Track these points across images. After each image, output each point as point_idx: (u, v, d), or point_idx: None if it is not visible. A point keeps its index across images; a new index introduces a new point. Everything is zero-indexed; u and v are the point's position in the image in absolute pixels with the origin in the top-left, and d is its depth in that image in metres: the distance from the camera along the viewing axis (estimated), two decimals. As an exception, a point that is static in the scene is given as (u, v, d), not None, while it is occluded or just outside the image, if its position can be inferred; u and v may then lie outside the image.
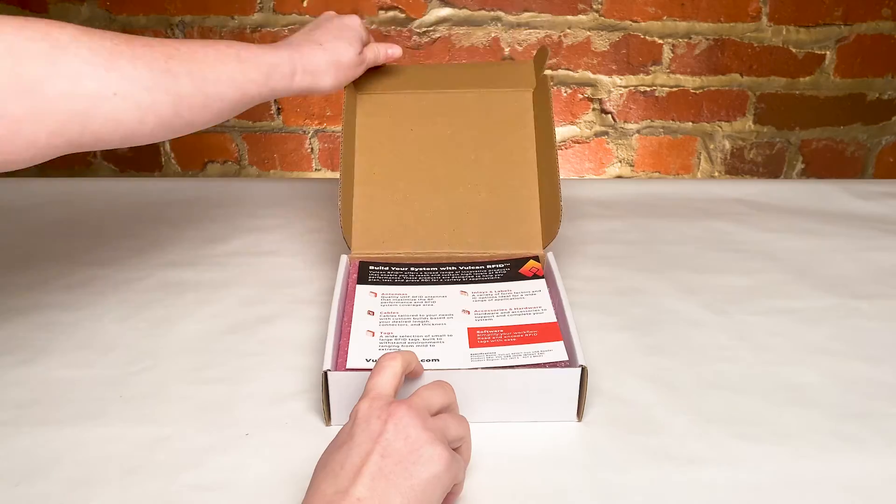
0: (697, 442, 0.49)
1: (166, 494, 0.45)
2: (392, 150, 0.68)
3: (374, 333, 0.54)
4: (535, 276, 0.62)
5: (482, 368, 0.50)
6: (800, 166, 1.32)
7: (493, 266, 0.63)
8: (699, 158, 1.32)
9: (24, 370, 0.57)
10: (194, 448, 0.49)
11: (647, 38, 1.23)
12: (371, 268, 0.62)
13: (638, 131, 1.30)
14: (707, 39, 1.23)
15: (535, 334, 0.54)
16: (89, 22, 1.22)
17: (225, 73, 0.52)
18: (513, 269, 0.62)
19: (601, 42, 1.24)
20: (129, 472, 0.47)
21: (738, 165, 1.33)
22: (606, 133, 1.31)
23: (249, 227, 0.80)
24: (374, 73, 0.70)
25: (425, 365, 0.50)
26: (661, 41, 1.23)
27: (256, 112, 1.30)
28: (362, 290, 0.59)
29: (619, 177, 1.34)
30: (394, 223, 0.65)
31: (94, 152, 1.34)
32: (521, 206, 0.65)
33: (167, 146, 1.33)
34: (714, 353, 0.59)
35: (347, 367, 0.51)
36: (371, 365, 0.51)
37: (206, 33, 1.24)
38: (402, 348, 0.53)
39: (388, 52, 0.68)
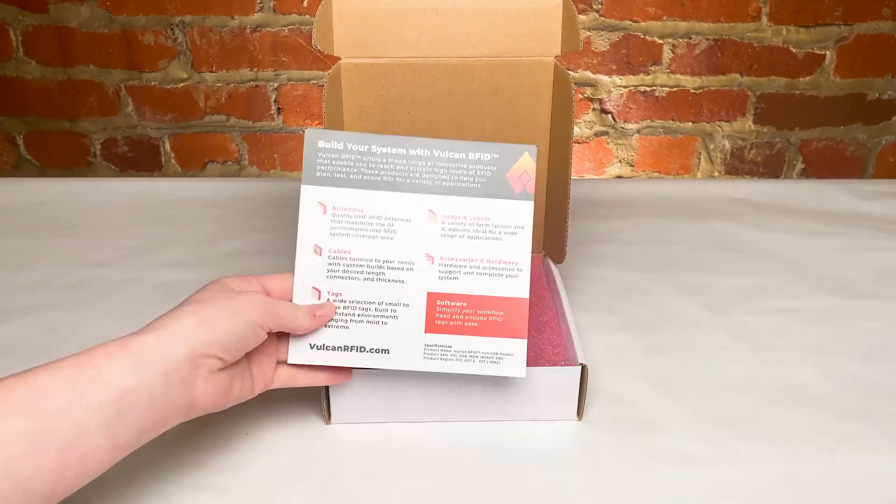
0: (697, 442, 0.49)
1: (166, 494, 0.45)
2: None
3: (319, 293, 0.48)
4: (524, 194, 0.49)
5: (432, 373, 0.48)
6: (800, 166, 1.33)
7: (476, 164, 0.49)
8: (699, 158, 1.32)
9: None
10: (194, 448, 0.49)
11: (647, 38, 1.23)
12: (322, 146, 0.48)
13: (638, 131, 1.30)
14: (707, 39, 1.23)
15: (501, 319, 0.48)
16: (89, 22, 1.22)
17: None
18: (499, 172, 0.49)
19: (601, 42, 1.24)
20: (129, 471, 0.47)
21: (738, 165, 1.33)
22: (606, 133, 1.31)
23: (249, 227, 0.80)
24: (363, 26, 0.58)
25: (373, 356, 0.48)
26: (661, 41, 1.23)
27: (256, 112, 1.30)
28: (308, 196, 0.48)
29: (619, 177, 1.34)
30: None
31: (94, 151, 1.33)
32: None
33: (167, 146, 1.33)
34: (714, 353, 0.59)
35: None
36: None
37: (206, 33, 1.24)
38: (351, 324, 0.48)
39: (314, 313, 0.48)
